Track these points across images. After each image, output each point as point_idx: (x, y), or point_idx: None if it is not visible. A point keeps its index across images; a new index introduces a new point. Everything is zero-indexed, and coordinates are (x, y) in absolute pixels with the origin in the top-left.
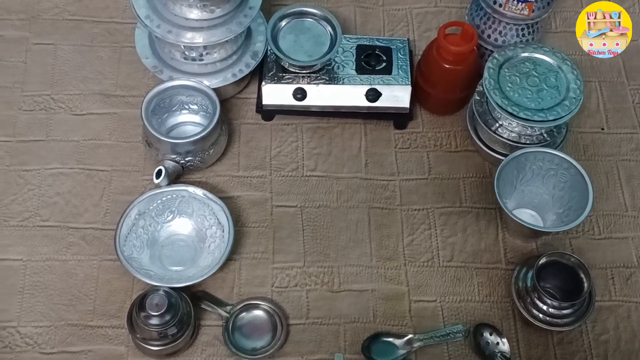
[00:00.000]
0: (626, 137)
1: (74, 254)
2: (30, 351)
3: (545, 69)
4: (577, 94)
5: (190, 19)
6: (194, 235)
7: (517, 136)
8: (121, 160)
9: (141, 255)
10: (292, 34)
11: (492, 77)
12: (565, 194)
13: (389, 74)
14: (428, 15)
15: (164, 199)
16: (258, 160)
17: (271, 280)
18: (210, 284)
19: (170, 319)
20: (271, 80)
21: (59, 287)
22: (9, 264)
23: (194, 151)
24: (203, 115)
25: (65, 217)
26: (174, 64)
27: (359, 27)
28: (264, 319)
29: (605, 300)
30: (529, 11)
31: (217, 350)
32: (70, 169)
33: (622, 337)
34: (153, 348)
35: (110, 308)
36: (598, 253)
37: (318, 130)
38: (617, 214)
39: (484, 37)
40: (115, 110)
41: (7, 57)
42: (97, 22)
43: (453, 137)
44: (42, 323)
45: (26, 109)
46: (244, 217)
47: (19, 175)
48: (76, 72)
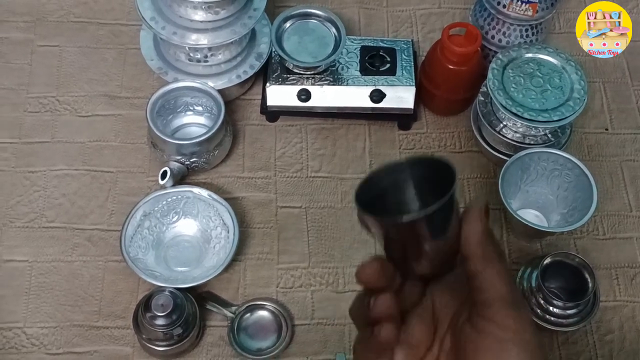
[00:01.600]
0: (630, 138)
1: (80, 255)
2: (36, 352)
3: (550, 69)
4: (581, 95)
5: (195, 20)
6: (199, 236)
7: (521, 137)
8: (126, 162)
9: (146, 256)
10: (296, 35)
11: (496, 78)
12: (570, 194)
13: (393, 75)
14: (432, 16)
15: (169, 200)
16: (262, 161)
17: (276, 280)
18: (215, 285)
19: (176, 319)
20: (275, 82)
21: (65, 288)
22: (15, 265)
23: (199, 152)
24: (208, 117)
25: (70, 219)
26: (179, 66)
27: (362, 28)
28: (269, 320)
29: (610, 300)
30: (533, 12)
31: (223, 351)
32: (76, 170)
33: (627, 337)
34: (159, 348)
35: (116, 309)
36: (602, 253)
37: (322, 131)
38: (621, 214)
39: (488, 37)
40: (121, 112)
41: (13, 59)
42: (103, 24)
43: (457, 137)
44: (47, 324)
45: (32, 110)
46: (249, 218)
47: (25, 177)
48: (81, 73)
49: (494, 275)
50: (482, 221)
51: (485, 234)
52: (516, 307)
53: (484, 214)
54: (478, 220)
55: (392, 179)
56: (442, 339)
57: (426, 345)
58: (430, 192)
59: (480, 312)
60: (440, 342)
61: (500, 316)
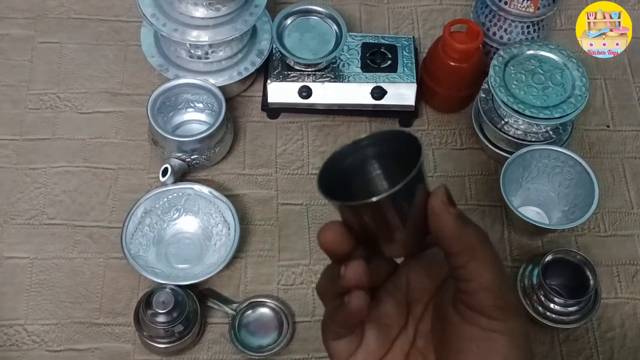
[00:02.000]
0: (631, 135)
1: (81, 252)
2: (37, 349)
3: (551, 66)
4: (583, 92)
5: (196, 17)
6: (200, 233)
7: (522, 134)
8: (127, 159)
9: (147, 253)
10: (297, 32)
11: (497, 75)
12: (571, 192)
13: (395, 72)
14: (433, 13)
15: (170, 197)
16: (263, 158)
17: (277, 277)
18: (216, 282)
19: (177, 316)
20: (276, 79)
21: (66, 285)
22: (16, 262)
23: (199, 149)
24: (209, 114)
25: (71, 215)
26: (180, 63)
27: (364, 25)
28: (270, 317)
29: (611, 297)
30: (535, 8)
31: (224, 348)
32: (77, 167)
33: (628, 334)
34: (160, 346)
35: (117, 306)
36: (604, 250)
37: (323, 128)
38: (622, 212)
39: (490, 34)
40: (121, 109)
41: (13, 56)
42: (103, 21)
43: (458, 134)
44: (48, 321)
45: (32, 107)
46: (250, 215)
47: (26, 174)
48: (82, 70)
49: (476, 266)
50: (450, 212)
51: (458, 223)
52: (502, 296)
53: (448, 203)
54: (446, 212)
55: (356, 158)
56: (419, 320)
57: (399, 325)
58: (397, 169)
59: (464, 300)
60: (416, 323)
61: (485, 306)
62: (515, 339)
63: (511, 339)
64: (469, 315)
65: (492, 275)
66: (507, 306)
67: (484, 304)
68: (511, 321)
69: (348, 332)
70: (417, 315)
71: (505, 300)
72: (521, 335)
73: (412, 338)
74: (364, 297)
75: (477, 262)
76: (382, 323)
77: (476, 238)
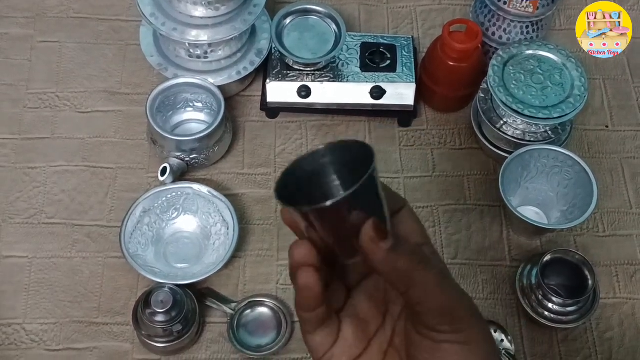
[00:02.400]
0: (630, 135)
1: (79, 251)
2: (35, 348)
3: (550, 66)
4: (582, 92)
5: (195, 16)
6: (198, 233)
7: (521, 134)
8: (126, 158)
9: (146, 253)
10: (296, 31)
11: (496, 75)
12: (570, 192)
13: (394, 72)
14: (432, 13)
15: (169, 197)
16: (263, 157)
17: (276, 277)
18: (215, 281)
19: (176, 315)
20: (276, 78)
21: (65, 284)
22: (15, 261)
23: (198, 149)
24: (208, 113)
25: (70, 215)
26: (179, 62)
27: (363, 25)
28: (269, 316)
29: (610, 297)
30: (534, 8)
31: (222, 347)
32: (76, 167)
33: (627, 334)
34: (158, 345)
35: (116, 305)
36: (602, 250)
37: (322, 127)
38: (621, 212)
39: (489, 34)
40: (120, 108)
41: (13, 55)
42: (102, 20)
43: (457, 134)
44: (47, 320)
45: (31, 106)
46: (249, 215)
47: (25, 173)
48: (81, 69)
49: (416, 292)
50: (379, 247)
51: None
52: (450, 312)
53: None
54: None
55: (313, 168)
56: (397, 319)
57: (376, 323)
58: (353, 177)
59: (413, 319)
60: (394, 322)
61: (434, 325)
62: (472, 346)
63: (466, 346)
64: (421, 329)
65: (434, 296)
66: (457, 319)
67: (431, 322)
68: (464, 331)
69: (319, 323)
70: (394, 314)
71: (454, 315)
72: (478, 342)
73: (389, 337)
74: (312, 273)
75: (415, 289)
76: (359, 318)
77: (411, 265)
